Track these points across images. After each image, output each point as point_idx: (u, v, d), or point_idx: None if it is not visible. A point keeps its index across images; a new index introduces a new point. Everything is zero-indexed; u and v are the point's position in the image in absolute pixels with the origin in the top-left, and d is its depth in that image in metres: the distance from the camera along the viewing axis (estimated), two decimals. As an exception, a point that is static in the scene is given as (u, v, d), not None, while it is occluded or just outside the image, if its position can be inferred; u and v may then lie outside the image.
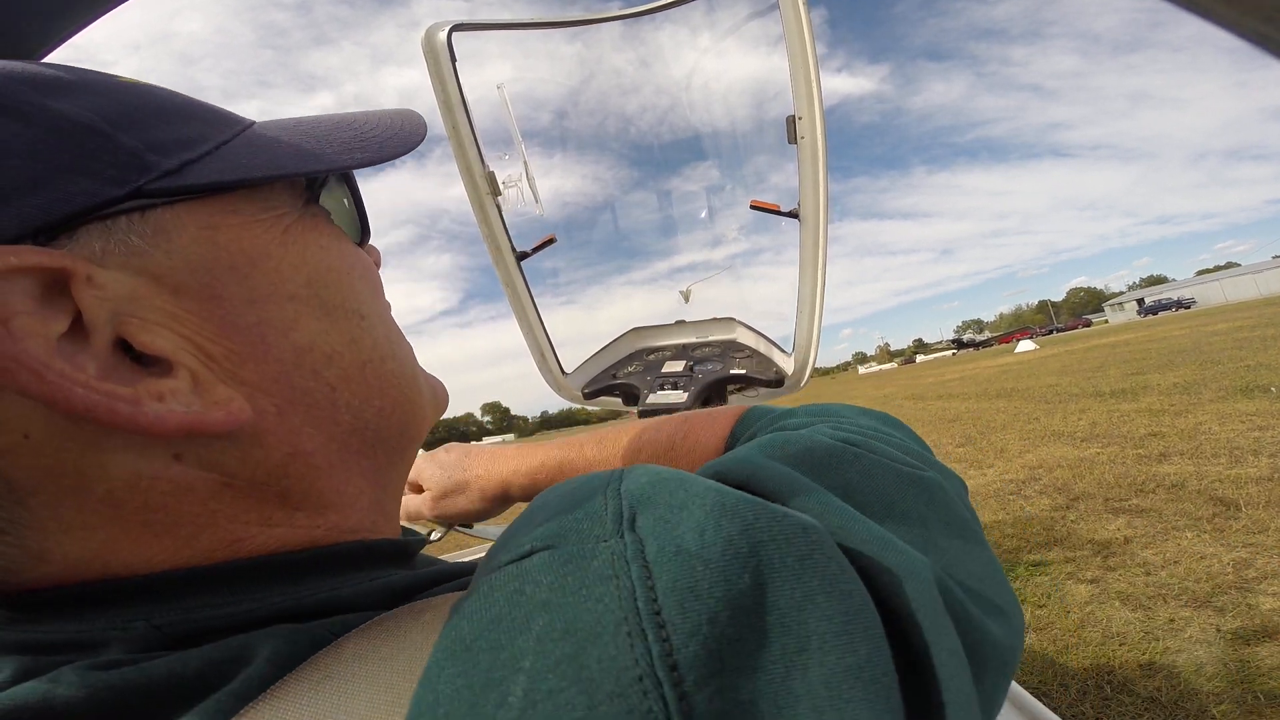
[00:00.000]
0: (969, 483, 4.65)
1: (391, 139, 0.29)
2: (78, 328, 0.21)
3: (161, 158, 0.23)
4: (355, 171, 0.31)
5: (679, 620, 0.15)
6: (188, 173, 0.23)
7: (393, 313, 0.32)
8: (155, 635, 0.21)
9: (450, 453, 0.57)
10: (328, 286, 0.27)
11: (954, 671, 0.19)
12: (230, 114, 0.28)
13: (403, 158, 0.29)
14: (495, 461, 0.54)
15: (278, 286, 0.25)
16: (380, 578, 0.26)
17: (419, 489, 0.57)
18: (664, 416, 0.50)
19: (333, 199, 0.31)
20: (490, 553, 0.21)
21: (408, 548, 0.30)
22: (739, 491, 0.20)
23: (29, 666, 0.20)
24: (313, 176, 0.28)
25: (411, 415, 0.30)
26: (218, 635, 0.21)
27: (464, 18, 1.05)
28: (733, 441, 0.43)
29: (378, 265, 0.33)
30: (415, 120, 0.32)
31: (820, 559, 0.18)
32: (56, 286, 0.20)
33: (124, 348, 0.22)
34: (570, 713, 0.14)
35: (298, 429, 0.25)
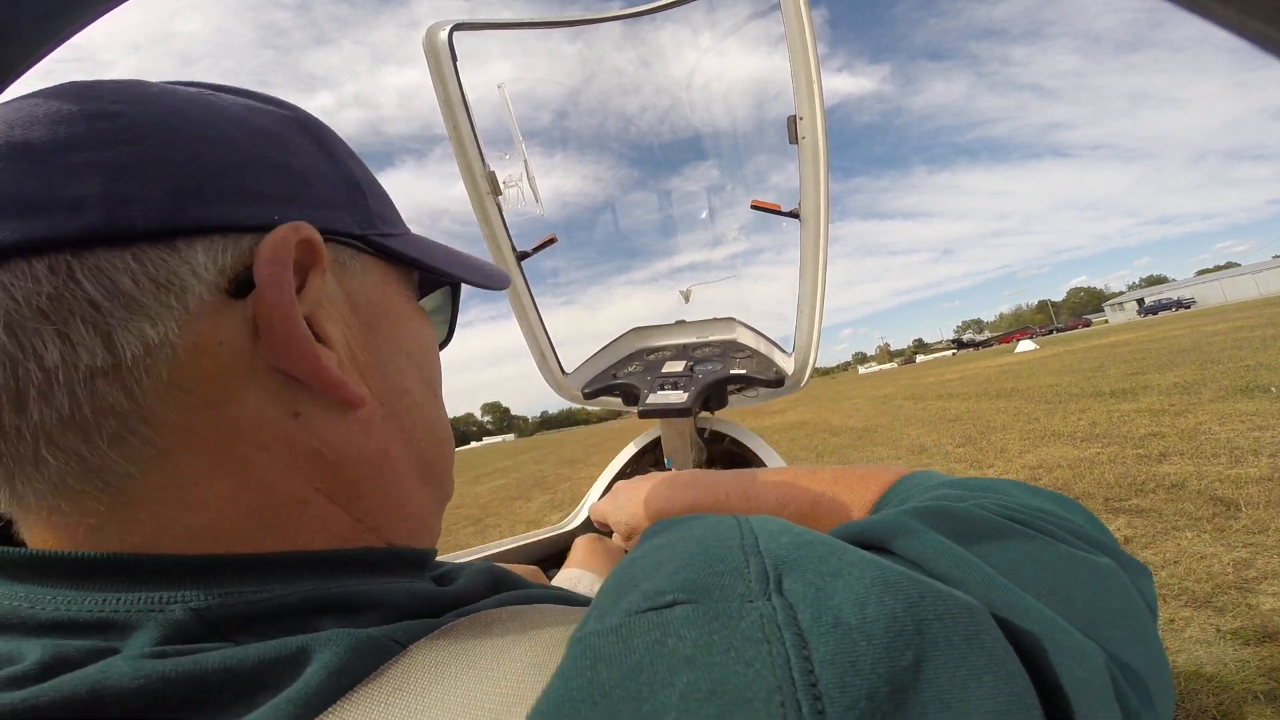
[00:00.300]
0: (969, 483, 4.65)
1: (493, 276, 0.41)
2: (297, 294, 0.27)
3: (381, 224, 0.33)
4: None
5: (837, 694, 0.15)
6: (389, 240, 0.33)
7: None
8: (193, 620, 0.21)
9: (618, 496, 0.68)
10: (425, 361, 0.35)
11: None
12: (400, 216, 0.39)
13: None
14: (651, 506, 0.63)
15: (402, 342, 0.33)
16: (404, 582, 0.28)
17: (609, 530, 0.73)
18: (814, 469, 0.50)
19: (441, 304, 0.42)
20: (613, 590, 0.20)
21: (426, 556, 0.33)
22: (898, 566, 0.20)
23: (61, 652, 0.20)
24: (450, 280, 0.38)
25: (448, 474, 0.38)
26: (254, 622, 0.22)
27: (465, 17, 1.05)
28: (880, 509, 0.42)
29: None
30: (506, 276, 0.43)
31: (986, 640, 0.17)
32: (302, 266, 0.27)
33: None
34: None
35: (393, 436, 0.31)
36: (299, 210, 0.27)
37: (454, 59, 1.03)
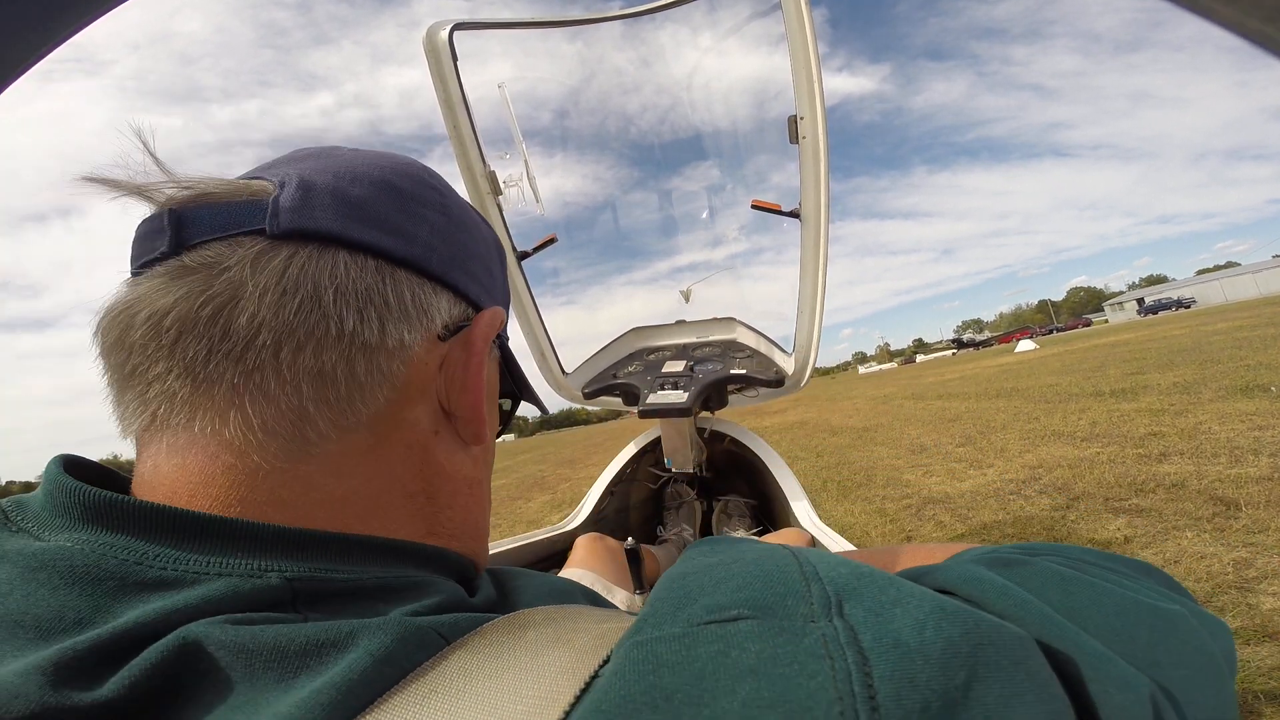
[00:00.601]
0: (967, 483, 4.56)
1: (540, 402, 0.50)
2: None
3: (506, 331, 0.42)
4: None
5: (893, 707, 0.16)
6: (507, 346, 0.43)
7: None
8: (286, 590, 0.24)
9: None
10: (494, 442, 0.42)
11: None
12: None
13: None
14: None
15: (494, 419, 0.40)
16: (452, 582, 0.31)
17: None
18: (885, 548, 0.54)
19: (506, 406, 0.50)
20: (670, 600, 0.21)
21: (474, 570, 0.36)
22: (952, 598, 0.21)
23: (145, 617, 0.21)
24: (524, 394, 0.46)
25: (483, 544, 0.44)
26: (329, 598, 0.25)
27: (465, 17, 1.05)
28: None
29: None
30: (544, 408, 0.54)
31: (1031, 665, 0.18)
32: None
33: None
34: None
35: (485, 476, 0.39)
36: (491, 300, 0.38)
37: (454, 59, 1.03)
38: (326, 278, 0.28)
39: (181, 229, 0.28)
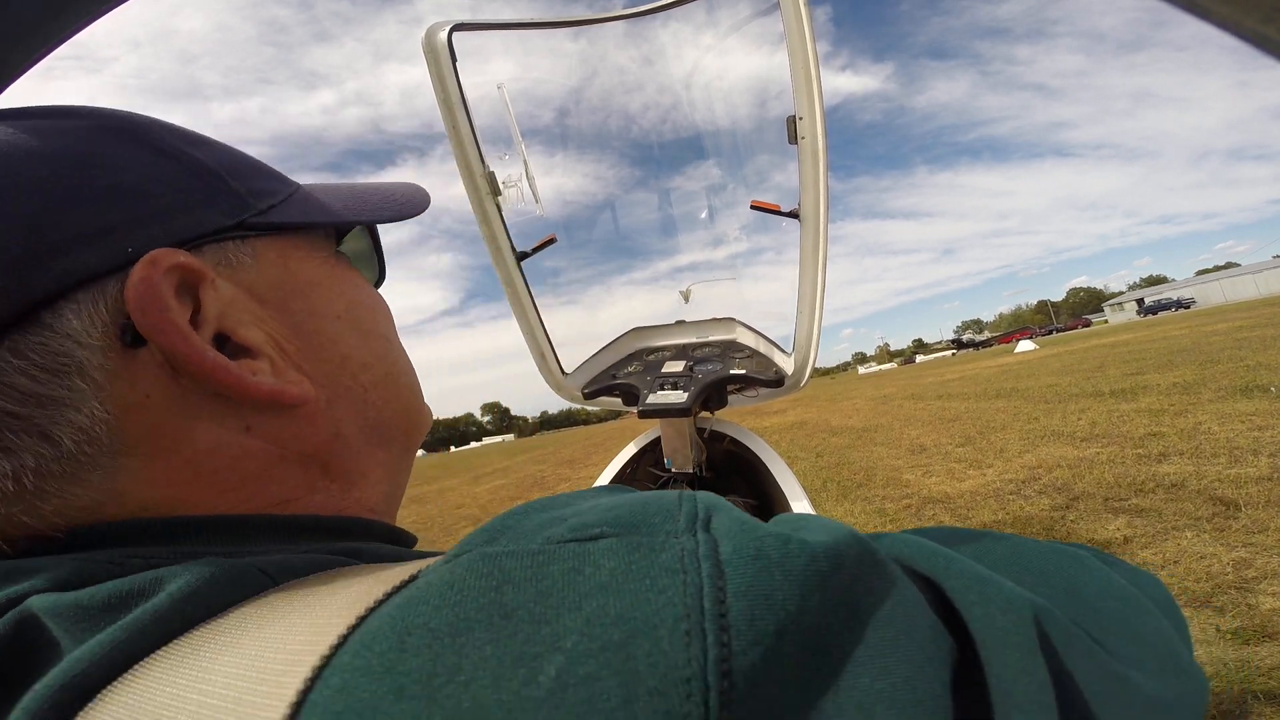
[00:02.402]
0: (967, 483, 4.55)
1: (408, 203, 0.38)
2: (195, 319, 0.26)
3: (256, 201, 0.30)
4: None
5: (744, 627, 0.15)
6: (272, 214, 0.30)
7: (394, 312, 0.39)
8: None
9: None
10: (360, 314, 0.34)
11: (1029, 698, 0.18)
12: (283, 175, 0.35)
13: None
14: None
15: (327, 307, 0.32)
16: (370, 549, 0.28)
17: None
18: None
19: (361, 246, 0.40)
20: (539, 517, 0.20)
21: (403, 536, 0.33)
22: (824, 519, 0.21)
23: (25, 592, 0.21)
24: (354, 225, 0.36)
25: (418, 421, 0.37)
26: None
27: (465, 17, 1.05)
28: None
29: None
30: (423, 192, 0.41)
31: (901, 589, 0.18)
32: (189, 286, 0.26)
33: (219, 340, 0.27)
34: (602, 702, 0.13)
35: (340, 417, 0.31)
36: (149, 229, 0.25)
37: (454, 59, 1.03)
38: None
39: None
